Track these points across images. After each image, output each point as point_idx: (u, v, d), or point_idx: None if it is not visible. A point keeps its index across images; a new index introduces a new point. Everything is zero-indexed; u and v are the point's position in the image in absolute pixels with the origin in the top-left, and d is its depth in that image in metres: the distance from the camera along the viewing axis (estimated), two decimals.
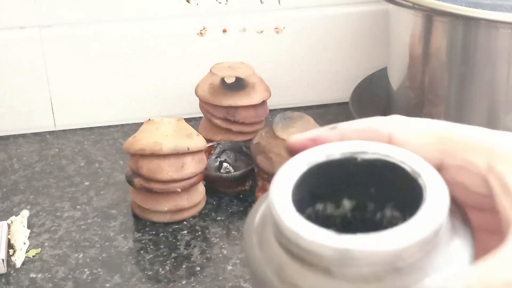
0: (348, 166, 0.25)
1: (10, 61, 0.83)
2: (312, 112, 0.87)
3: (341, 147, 0.26)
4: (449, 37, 0.70)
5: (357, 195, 0.27)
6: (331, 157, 0.25)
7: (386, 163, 0.25)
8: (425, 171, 0.24)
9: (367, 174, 0.26)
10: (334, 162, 0.25)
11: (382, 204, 0.26)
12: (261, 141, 0.69)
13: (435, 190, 0.23)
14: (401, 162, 0.25)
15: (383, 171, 0.25)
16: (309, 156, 0.25)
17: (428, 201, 0.23)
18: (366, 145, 0.25)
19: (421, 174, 0.24)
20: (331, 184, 0.26)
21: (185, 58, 0.87)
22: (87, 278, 0.62)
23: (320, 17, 0.89)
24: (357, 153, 0.25)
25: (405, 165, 0.25)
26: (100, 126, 0.88)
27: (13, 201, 0.73)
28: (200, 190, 0.71)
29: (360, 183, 0.26)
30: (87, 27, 0.83)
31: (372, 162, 0.25)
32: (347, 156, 0.25)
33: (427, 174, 0.24)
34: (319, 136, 0.27)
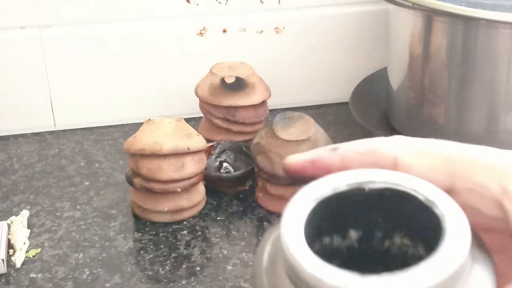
0: (356, 197, 0.24)
1: (10, 61, 0.83)
2: (312, 112, 0.87)
3: (347, 177, 0.24)
4: (449, 37, 0.70)
5: (363, 224, 0.25)
6: (337, 189, 0.24)
7: (396, 192, 0.24)
8: (440, 199, 0.23)
9: (375, 204, 0.24)
10: (341, 194, 0.24)
11: (391, 233, 0.25)
12: (261, 141, 0.69)
13: (454, 220, 0.22)
14: (413, 190, 0.24)
15: (393, 200, 0.24)
16: (315, 190, 0.24)
17: (449, 233, 0.22)
18: (374, 173, 0.24)
19: (436, 203, 0.23)
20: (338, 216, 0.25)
21: (185, 58, 0.87)
22: (87, 278, 0.62)
23: (320, 17, 0.89)
24: (365, 183, 0.24)
25: (417, 194, 0.23)
26: (100, 126, 0.88)
27: (13, 201, 0.73)
28: (200, 190, 0.71)
29: (368, 213, 0.25)
30: (87, 27, 0.84)
31: (381, 192, 0.24)
32: (354, 187, 0.24)
33: (443, 203, 0.23)
34: (319, 158, 0.26)
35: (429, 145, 0.25)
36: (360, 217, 0.25)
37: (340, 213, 0.25)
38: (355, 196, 0.24)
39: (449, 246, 0.21)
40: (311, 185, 0.24)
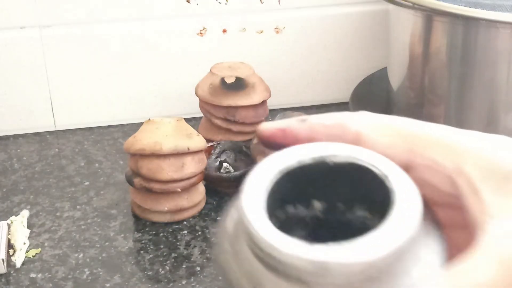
0: (319, 170, 0.25)
1: (10, 61, 0.83)
2: (312, 112, 0.87)
3: (312, 150, 0.25)
4: (449, 37, 0.70)
5: (326, 196, 0.26)
6: (302, 162, 0.25)
7: (357, 166, 0.25)
8: (393, 174, 0.24)
9: (337, 177, 0.25)
10: (306, 166, 0.25)
11: (352, 205, 0.26)
12: None
13: (405, 193, 0.23)
14: (371, 164, 0.25)
15: (353, 174, 0.25)
16: (280, 161, 0.25)
17: (399, 206, 0.23)
18: (337, 147, 0.25)
19: (389, 177, 0.24)
20: (302, 188, 0.26)
21: (185, 58, 0.87)
22: (87, 278, 0.62)
23: (320, 17, 0.89)
24: (328, 157, 0.25)
25: (374, 168, 0.24)
26: (100, 126, 0.88)
27: (13, 201, 0.73)
28: (200, 190, 0.71)
29: (330, 186, 0.26)
30: (87, 27, 0.84)
31: (343, 166, 0.25)
32: (318, 160, 0.25)
33: (396, 176, 0.24)
34: (289, 127, 0.27)
35: (390, 122, 0.26)
36: (323, 189, 0.26)
37: (304, 184, 0.26)
38: (319, 169, 0.25)
39: (397, 219, 0.22)
40: (275, 156, 0.25)
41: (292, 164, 0.25)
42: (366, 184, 0.25)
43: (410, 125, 0.26)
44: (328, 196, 0.26)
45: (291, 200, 0.26)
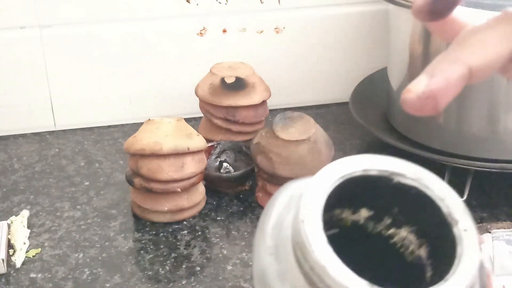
0: (382, 183, 0.24)
1: (10, 61, 0.83)
2: (312, 112, 0.87)
3: (380, 163, 0.24)
4: None
5: (378, 208, 0.26)
6: (367, 172, 0.24)
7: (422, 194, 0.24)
8: (462, 220, 0.23)
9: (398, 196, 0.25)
10: (369, 177, 0.24)
11: (400, 224, 0.25)
12: (261, 141, 0.69)
13: (469, 248, 0.22)
14: (440, 199, 0.23)
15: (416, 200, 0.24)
16: (346, 166, 0.24)
17: (462, 262, 0.22)
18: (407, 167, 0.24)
19: (458, 222, 0.23)
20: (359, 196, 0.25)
21: (185, 58, 0.87)
22: (87, 278, 0.62)
23: (320, 17, 0.89)
24: (395, 174, 0.24)
25: (442, 205, 0.23)
26: (100, 126, 0.88)
27: (13, 201, 0.73)
28: (200, 190, 0.71)
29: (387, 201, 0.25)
30: (87, 27, 0.84)
31: (408, 188, 0.24)
32: (384, 175, 0.24)
33: (465, 225, 0.23)
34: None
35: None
36: (378, 201, 0.25)
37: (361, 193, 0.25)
38: (382, 183, 0.24)
39: (458, 274, 0.22)
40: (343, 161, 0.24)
41: (356, 172, 0.24)
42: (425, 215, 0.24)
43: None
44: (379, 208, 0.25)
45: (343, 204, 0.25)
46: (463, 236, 0.23)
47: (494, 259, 0.59)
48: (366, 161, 0.25)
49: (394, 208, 0.25)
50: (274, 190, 0.68)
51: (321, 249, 0.21)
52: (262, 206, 0.71)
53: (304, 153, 0.67)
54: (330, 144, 0.70)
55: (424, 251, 0.25)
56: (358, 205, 0.26)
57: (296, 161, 0.67)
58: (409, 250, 0.25)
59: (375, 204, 0.26)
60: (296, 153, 0.67)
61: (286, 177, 0.67)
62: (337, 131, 0.86)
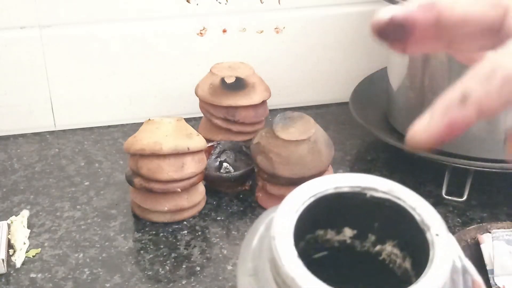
0: (356, 200, 0.25)
1: (10, 61, 0.83)
2: (312, 112, 0.87)
3: (350, 180, 0.25)
4: None
5: (360, 225, 0.26)
6: (339, 189, 0.25)
7: (396, 206, 0.24)
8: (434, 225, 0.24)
9: (374, 211, 0.25)
10: (342, 194, 0.25)
11: (384, 239, 0.26)
12: (261, 141, 0.69)
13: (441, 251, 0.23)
14: (411, 208, 0.24)
15: (391, 212, 0.25)
16: (318, 186, 0.25)
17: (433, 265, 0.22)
18: (376, 181, 0.25)
19: (430, 228, 0.24)
20: (336, 214, 0.26)
21: (185, 58, 0.87)
22: (87, 278, 0.62)
23: (320, 17, 0.89)
24: (367, 189, 0.25)
25: (415, 213, 0.24)
26: (100, 126, 0.88)
27: (13, 201, 0.73)
28: (200, 190, 0.71)
29: (365, 216, 0.26)
30: (87, 27, 0.84)
31: (381, 201, 0.25)
32: (356, 191, 0.25)
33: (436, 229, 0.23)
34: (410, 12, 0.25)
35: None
36: (357, 219, 0.26)
37: (338, 211, 0.25)
38: (356, 199, 0.25)
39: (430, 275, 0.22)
40: (314, 181, 0.25)
41: (328, 190, 0.25)
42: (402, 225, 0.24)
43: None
44: (361, 226, 0.26)
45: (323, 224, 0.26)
46: (435, 241, 0.23)
47: (494, 259, 0.59)
48: (337, 179, 0.25)
49: (375, 224, 0.26)
50: (274, 190, 0.69)
51: (291, 262, 0.22)
52: (262, 206, 0.71)
53: (304, 153, 0.67)
54: (330, 144, 0.70)
55: (409, 262, 0.25)
56: (340, 224, 0.26)
57: (296, 161, 0.67)
58: (397, 265, 0.26)
59: (356, 222, 0.26)
60: (296, 153, 0.67)
61: (286, 177, 0.67)
62: (337, 131, 0.86)
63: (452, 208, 0.70)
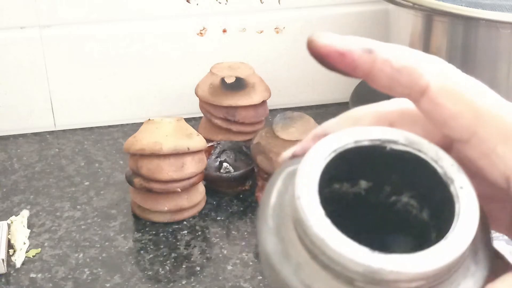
0: (375, 153, 0.24)
1: (10, 61, 0.83)
2: (312, 112, 0.87)
3: (370, 133, 0.24)
4: (449, 37, 0.70)
5: (376, 178, 0.26)
6: (359, 143, 0.24)
7: (417, 158, 0.24)
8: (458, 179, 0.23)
9: (393, 163, 0.25)
10: (362, 148, 0.24)
11: (400, 190, 0.25)
12: (261, 141, 0.69)
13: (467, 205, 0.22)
14: (434, 161, 0.24)
15: (411, 165, 0.24)
16: (337, 140, 0.24)
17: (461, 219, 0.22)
18: (398, 134, 0.24)
19: (454, 181, 0.23)
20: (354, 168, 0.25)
21: (185, 58, 0.87)
22: (87, 278, 0.62)
23: (320, 17, 0.89)
24: (387, 141, 0.24)
25: (437, 166, 0.23)
26: (100, 126, 0.88)
27: (13, 201, 0.73)
28: (200, 190, 0.71)
29: (383, 169, 0.25)
30: (87, 27, 0.84)
31: (401, 154, 0.24)
32: (376, 144, 0.24)
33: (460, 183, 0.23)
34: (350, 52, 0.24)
35: (468, 86, 0.23)
36: (375, 172, 0.25)
37: (356, 165, 0.25)
38: (375, 153, 0.24)
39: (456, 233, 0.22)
40: (334, 135, 0.24)
41: (348, 145, 0.24)
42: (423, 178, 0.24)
43: (486, 99, 0.22)
44: (377, 178, 0.26)
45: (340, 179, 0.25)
46: (460, 194, 0.23)
47: None
48: (357, 132, 0.25)
49: (392, 176, 0.25)
50: None
51: (319, 223, 0.22)
52: None
53: None
54: None
55: (426, 214, 0.25)
56: (356, 177, 0.26)
57: None
58: (412, 215, 0.25)
59: (373, 175, 0.26)
60: None
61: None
62: None
63: None
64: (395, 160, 0.24)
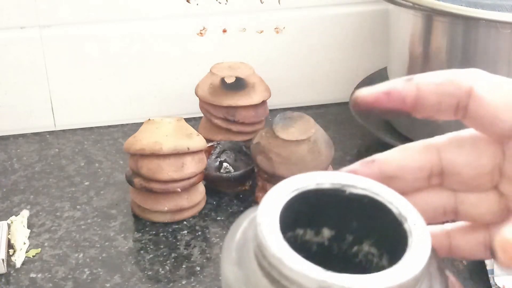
0: (335, 197, 0.26)
1: (10, 61, 0.83)
2: (312, 112, 0.87)
3: (332, 177, 0.26)
4: (449, 37, 0.70)
5: (338, 225, 0.27)
6: (320, 185, 0.26)
7: (374, 201, 0.25)
8: (411, 217, 0.24)
9: (353, 208, 0.26)
10: (323, 191, 0.26)
11: (361, 239, 0.27)
12: (261, 141, 0.69)
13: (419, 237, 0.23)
14: (389, 202, 0.25)
15: (369, 208, 0.25)
16: (300, 181, 0.26)
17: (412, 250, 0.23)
18: (357, 179, 0.26)
19: (407, 219, 0.24)
20: (316, 212, 0.26)
21: (185, 58, 0.87)
22: (87, 278, 0.62)
23: (320, 17, 0.89)
24: (347, 186, 0.26)
25: (392, 206, 0.25)
26: (100, 126, 0.88)
27: (13, 201, 0.73)
28: (200, 190, 0.71)
29: (344, 215, 0.26)
30: (87, 27, 0.84)
31: (360, 198, 0.26)
32: (336, 187, 0.26)
33: (413, 220, 0.24)
34: (394, 89, 0.26)
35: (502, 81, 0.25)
36: (336, 218, 0.27)
37: (318, 209, 0.26)
38: (335, 196, 0.26)
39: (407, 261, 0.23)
40: (297, 177, 0.26)
41: (310, 186, 0.26)
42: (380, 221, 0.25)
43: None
44: (339, 225, 0.27)
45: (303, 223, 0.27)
46: (413, 230, 0.24)
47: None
48: (318, 176, 0.26)
49: (353, 223, 0.27)
50: None
51: (277, 244, 0.23)
52: None
53: (304, 153, 0.67)
54: (330, 144, 0.70)
55: (386, 259, 0.26)
56: (319, 224, 0.27)
57: (296, 161, 0.67)
58: (374, 265, 0.26)
59: (335, 221, 0.27)
60: (296, 153, 0.67)
61: (286, 177, 0.67)
62: (337, 131, 0.86)
63: None
64: (354, 204, 0.26)
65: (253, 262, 0.24)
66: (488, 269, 0.59)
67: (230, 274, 0.24)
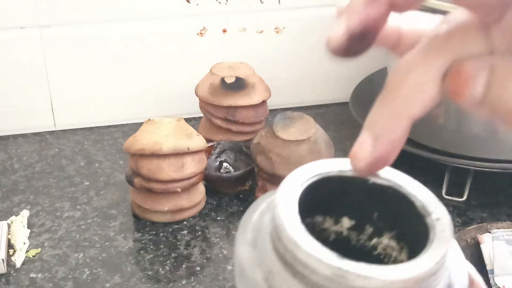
0: (358, 185, 0.25)
1: (10, 61, 0.83)
2: (312, 112, 0.87)
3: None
4: None
5: (359, 215, 0.26)
6: (343, 172, 0.25)
7: (397, 193, 0.24)
8: (435, 211, 0.24)
9: (375, 199, 0.25)
10: (345, 178, 0.25)
11: (381, 231, 0.26)
12: (261, 141, 0.69)
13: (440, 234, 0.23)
14: (413, 195, 0.24)
15: (392, 199, 0.25)
16: (322, 167, 0.25)
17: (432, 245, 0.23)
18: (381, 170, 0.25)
19: (430, 213, 0.24)
20: (336, 199, 0.26)
21: (185, 58, 0.87)
22: (87, 278, 0.62)
23: (320, 17, 0.89)
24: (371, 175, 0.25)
25: (415, 199, 0.24)
26: (100, 126, 0.88)
27: (13, 201, 0.73)
28: (200, 190, 0.71)
29: (365, 206, 0.26)
30: (87, 27, 0.84)
31: (383, 188, 0.25)
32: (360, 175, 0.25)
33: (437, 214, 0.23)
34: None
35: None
36: (357, 208, 0.26)
37: (339, 196, 0.26)
38: (358, 184, 0.25)
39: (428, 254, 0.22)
40: (320, 162, 0.25)
41: (332, 172, 0.25)
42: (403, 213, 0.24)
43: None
44: (359, 215, 0.26)
45: (322, 210, 0.26)
46: (436, 225, 0.23)
47: (494, 259, 0.59)
48: (341, 163, 0.25)
49: (374, 214, 0.26)
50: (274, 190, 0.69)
51: (294, 228, 0.22)
52: None
53: (304, 153, 0.67)
54: (330, 144, 0.70)
55: (405, 254, 0.25)
56: (339, 213, 0.26)
57: (296, 161, 0.67)
58: (392, 258, 0.26)
59: (356, 211, 0.26)
60: (296, 153, 0.67)
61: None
62: (337, 131, 0.86)
63: (452, 208, 0.70)
64: (376, 194, 0.25)
65: (268, 244, 0.23)
66: (488, 269, 0.59)
67: (243, 254, 0.23)
